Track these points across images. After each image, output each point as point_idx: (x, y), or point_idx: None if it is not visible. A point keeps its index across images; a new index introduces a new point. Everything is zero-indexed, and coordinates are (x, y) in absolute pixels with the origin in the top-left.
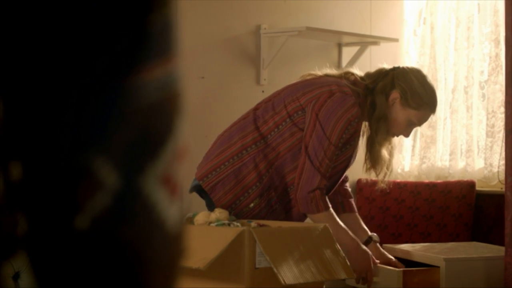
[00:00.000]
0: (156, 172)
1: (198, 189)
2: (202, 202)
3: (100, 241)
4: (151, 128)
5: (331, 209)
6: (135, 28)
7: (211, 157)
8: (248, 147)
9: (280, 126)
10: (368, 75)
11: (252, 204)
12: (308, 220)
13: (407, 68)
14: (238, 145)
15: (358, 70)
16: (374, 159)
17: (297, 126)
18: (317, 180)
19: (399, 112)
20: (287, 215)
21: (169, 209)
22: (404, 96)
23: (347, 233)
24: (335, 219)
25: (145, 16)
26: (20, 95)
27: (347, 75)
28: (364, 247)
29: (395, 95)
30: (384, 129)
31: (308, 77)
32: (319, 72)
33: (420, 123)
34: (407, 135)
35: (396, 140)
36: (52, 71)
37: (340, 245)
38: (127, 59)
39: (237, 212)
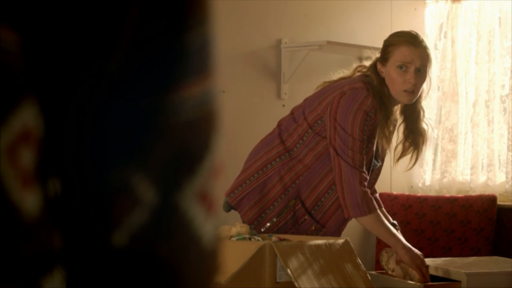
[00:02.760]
0: (193, 189)
1: (227, 206)
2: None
3: (137, 257)
4: (188, 145)
5: (378, 210)
6: (173, 46)
7: (240, 174)
8: (272, 161)
9: (304, 138)
10: None
11: (275, 219)
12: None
13: None
14: (263, 160)
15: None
16: (413, 132)
17: (320, 135)
18: (357, 176)
19: (386, 72)
20: (320, 225)
21: (205, 226)
22: (380, 59)
23: (396, 232)
24: (384, 221)
25: (184, 34)
26: (58, 111)
27: (359, 69)
28: (411, 247)
29: (378, 65)
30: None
31: (324, 85)
32: (334, 78)
33: (406, 59)
34: (412, 79)
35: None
36: (91, 87)
37: (389, 241)
38: (166, 77)
39: (262, 226)
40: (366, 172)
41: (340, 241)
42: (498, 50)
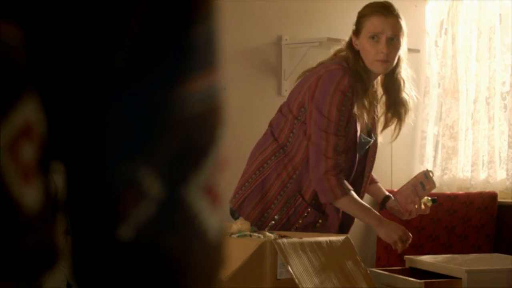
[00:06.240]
0: (199, 182)
1: (232, 212)
2: None
3: (143, 250)
4: (194, 139)
5: (351, 192)
6: (179, 40)
7: (239, 179)
8: (268, 160)
9: (294, 130)
10: None
11: (277, 216)
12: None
13: None
14: (259, 160)
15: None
16: (394, 103)
17: (305, 123)
18: (323, 164)
19: (360, 44)
20: (321, 213)
21: (211, 219)
22: (354, 31)
23: (371, 210)
24: (357, 201)
25: (189, 29)
26: (63, 106)
27: (337, 52)
28: (387, 220)
29: (352, 38)
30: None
31: (304, 75)
32: (314, 65)
33: (377, 29)
34: (384, 49)
35: (418, 150)
36: (97, 81)
37: (366, 222)
38: (172, 71)
39: (265, 225)
40: (343, 155)
41: (341, 238)
42: (499, 47)
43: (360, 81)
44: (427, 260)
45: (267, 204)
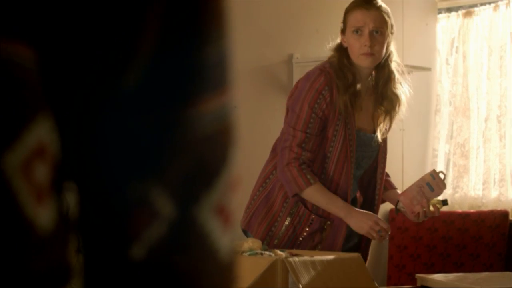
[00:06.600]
0: (211, 202)
1: (243, 232)
2: None
3: (156, 270)
4: (205, 159)
5: (317, 183)
6: (191, 61)
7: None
8: (270, 175)
9: None
10: None
11: (284, 228)
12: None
13: None
14: (262, 177)
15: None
16: (385, 97)
17: None
18: (286, 155)
19: (346, 40)
20: (325, 218)
21: (222, 239)
22: (341, 29)
23: (338, 200)
24: (323, 190)
25: (202, 49)
26: (75, 125)
27: (330, 59)
28: (358, 209)
29: (341, 36)
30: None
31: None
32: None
33: (359, 23)
34: (367, 42)
35: (429, 169)
36: (110, 102)
37: (334, 213)
38: (184, 91)
39: (273, 239)
40: (309, 154)
41: (352, 256)
42: (510, 65)
43: (342, 78)
44: (439, 278)
45: (273, 217)
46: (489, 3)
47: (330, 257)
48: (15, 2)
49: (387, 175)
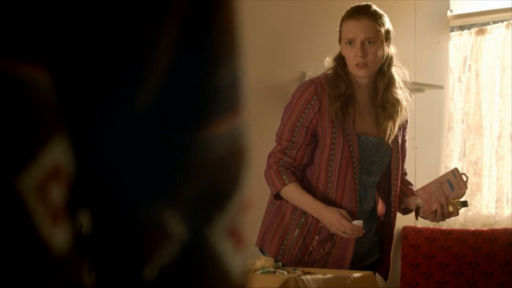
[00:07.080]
0: (223, 224)
1: (260, 251)
2: None
3: None
4: (218, 181)
5: (293, 183)
6: (204, 83)
7: None
8: None
9: None
10: None
11: (294, 239)
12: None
13: None
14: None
15: None
16: (387, 101)
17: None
18: (270, 159)
19: (342, 51)
20: None
21: (234, 260)
22: (338, 39)
23: (310, 200)
24: (297, 190)
25: (215, 72)
26: (89, 147)
27: (327, 71)
28: (329, 208)
29: (340, 47)
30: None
31: None
32: None
33: (350, 35)
34: (359, 53)
35: None
36: (123, 123)
37: (309, 212)
38: (196, 113)
39: (286, 251)
40: (292, 158)
41: (365, 274)
42: None
43: (335, 88)
44: None
45: (284, 230)
46: (502, 21)
47: (343, 275)
48: (31, 23)
49: (409, 183)
